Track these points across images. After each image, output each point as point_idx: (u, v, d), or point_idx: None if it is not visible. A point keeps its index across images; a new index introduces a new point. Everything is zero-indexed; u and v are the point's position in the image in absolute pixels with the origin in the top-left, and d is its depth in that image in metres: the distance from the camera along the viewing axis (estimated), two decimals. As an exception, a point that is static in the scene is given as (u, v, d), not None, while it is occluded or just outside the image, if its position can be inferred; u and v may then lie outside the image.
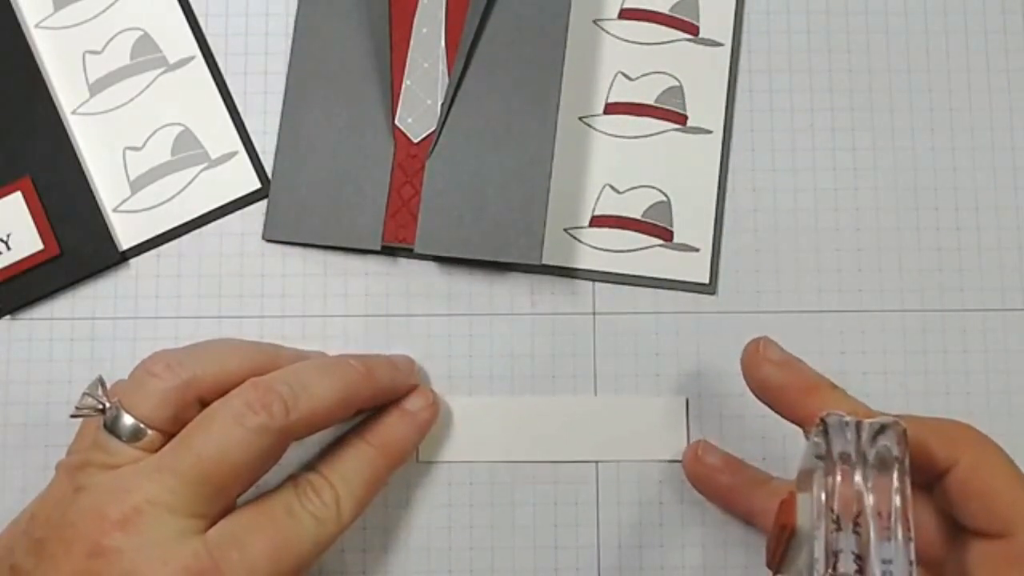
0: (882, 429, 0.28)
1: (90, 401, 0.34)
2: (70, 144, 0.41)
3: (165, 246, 0.41)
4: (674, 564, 0.39)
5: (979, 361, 0.41)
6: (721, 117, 0.42)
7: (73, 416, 0.34)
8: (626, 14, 0.42)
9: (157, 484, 0.32)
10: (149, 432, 0.33)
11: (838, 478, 0.27)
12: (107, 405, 0.34)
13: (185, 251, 0.41)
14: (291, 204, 0.40)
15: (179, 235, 0.41)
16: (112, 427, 0.33)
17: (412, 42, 0.41)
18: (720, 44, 0.42)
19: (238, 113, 0.41)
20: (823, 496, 0.27)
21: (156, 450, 0.33)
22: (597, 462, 0.40)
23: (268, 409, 0.32)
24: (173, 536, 0.31)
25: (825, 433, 0.28)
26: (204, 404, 0.34)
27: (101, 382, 0.34)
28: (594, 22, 0.42)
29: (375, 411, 0.38)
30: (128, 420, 0.33)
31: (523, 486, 0.40)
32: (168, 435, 0.33)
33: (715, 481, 0.38)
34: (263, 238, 0.41)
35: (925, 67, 0.42)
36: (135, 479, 0.32)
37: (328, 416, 0.34)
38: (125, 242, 0.41)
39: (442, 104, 0.40)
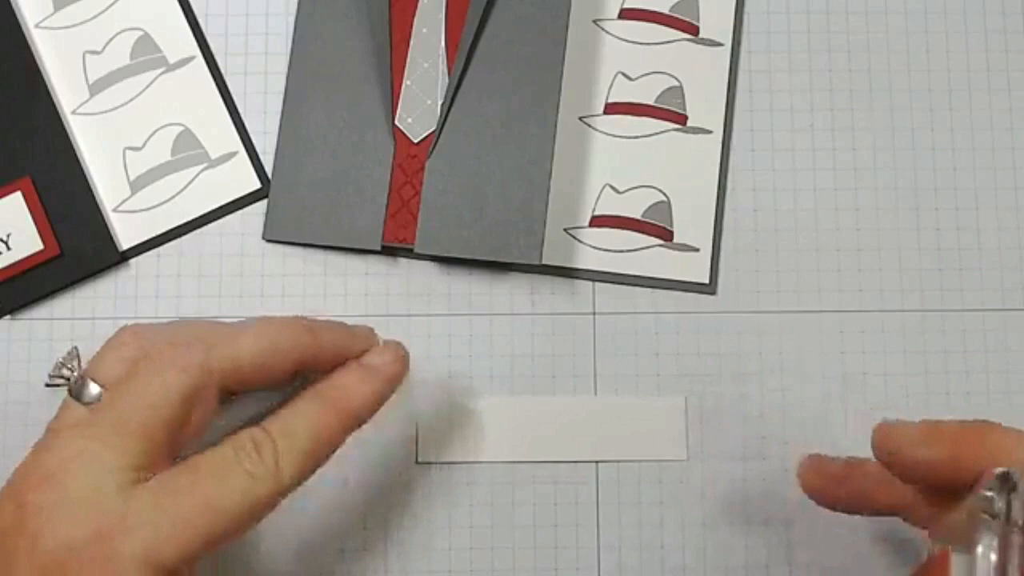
0: None
1: (64, 371, 0.33)
2: (70, 144, 0.41)
3: (165, 246, 0.41)
4: (674, 564, 0.39)
5: (979, 361, 0.41)
6: (721, 117, 0.42)
7: (47, 385, 0.34)
8: (626, 14, 0.42)
9: (84, 439, 0.31)
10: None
11: (1018, 542, 0.25)
12: (75, 374, 0.33)
13: (185, 251, 0.41)
14: (291, 204, 0.40)
15: (179, 235, 0.41)
16: (78, 395, 0.33)
17: (412, 42, 0.41)
18: (720, 44, 0.42)
19: (238, 113, 0.41)
20: (995, 559, 0.25)
21: None
22: (597, 462, 0.40)
23: (187, 353, 0.32)
24: (91, 493, 0.30)
25: (1007, 489, 0.26)
26: None
27: (76, 353, 0.34)
28: (594, 22, 0.42)
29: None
30: (94, 389, 0.32)
31: (523, 486, 0.40)
32: None
33: (838, 489, 0.36)
34: (263, 238, 0.41)
35: (925, 67, 0.42)
36: (67, 435, 0.31)
37: (257, 366, 0.33)
38: (125, 242, 0.41)
39: (442, 104, 0.40)
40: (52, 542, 0.30)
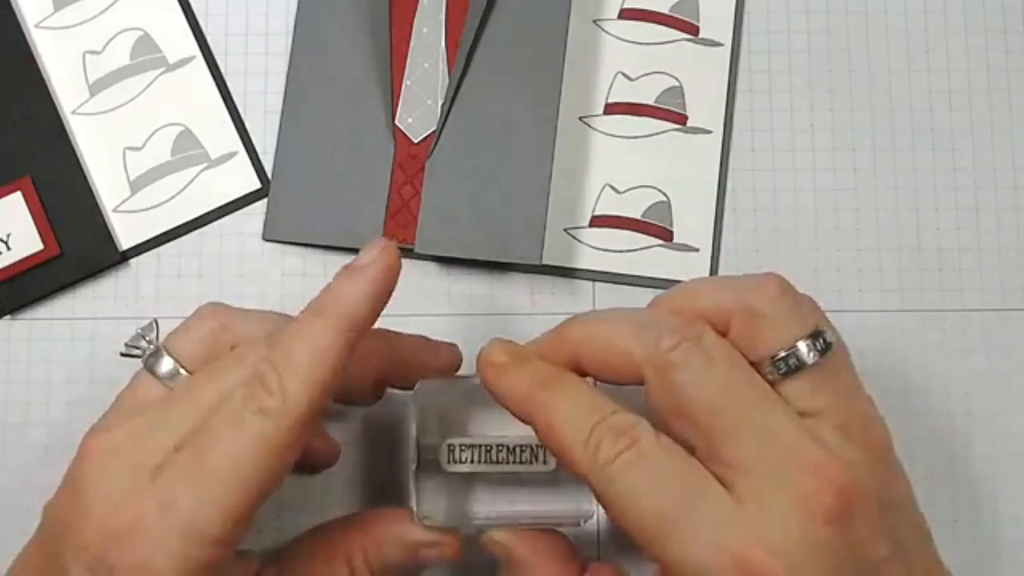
0: None
1: (142, 343, 0.33)
2: (70, 144, 0.41)
3: (165, 246, 0.41)
4: (674, 564, 0.39)
5: (979, 361, 0.41)
6: (721, 117, 0.42)
7: (122, 355, 0.34)
8: (626, 14, 0.42)
9: (136, 422, 0.31)
10: (181, 373, 0.32)
11: None
12: (150, 346, 0.33)
13: (185, 251, 0.41)
14: (291, 204, 0.40)
15: (179, 235, 0.41)
16: (151, 367, 0.33)
17: (412, 42, 0.41)
18: (720, 44, 0.42)
19: (238, 113, 0.41)
20: None
21: None
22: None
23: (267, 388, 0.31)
24: (132, 479, 0.30)
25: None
26: None
27: (155, 325, 0.34)
28: (594, 22, 0.42)
29: None
30: (168, 363, 0.33)
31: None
32: None
33: None
34: (263, 238, 0.41)
35: (925, 67, 0.42)
36: (132, 415, 0.32)
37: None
38: (125, 242, 0.41)
39: (442, 104, 0.40)
40: (94, 534, 0.29)
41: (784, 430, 0.29)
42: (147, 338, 0.34)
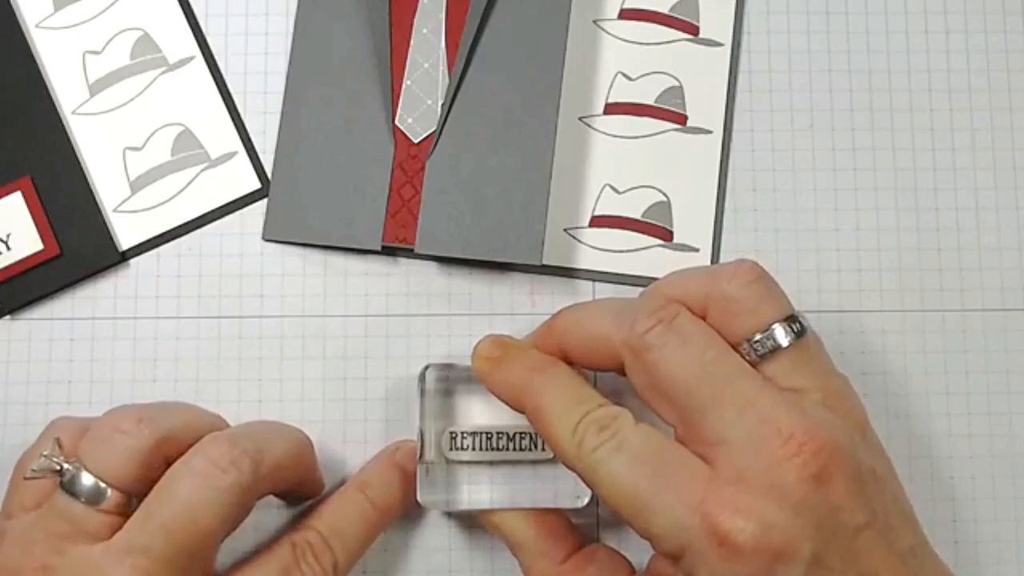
0: None
1: (46, 463, 0.31)
2: (70, 144, 0.41)
3: (165, 246, 0.41)
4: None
5: (979, 361, 0.41)
6: (721, 117, 0.42)
7: (27, 479, 0.32)
8: (626, 14, 0.42)
9: (128, 568, 0.30)
10: (110, 492, 0.31)
11: None
12: (65, 465, 0.31)
13: (185, 251, 0.41)
14: (291, 204, 0.40)
15: (179, 235, 0.41)
16: (70, 487, 0.31)
17: (412, 42, 0.41)
18: (720, 44, 0.42)
19: (238, 113, 0.41)
20: None
21: (120, 512, 0.31)
22: (597, 462, 0.40)
23: (237, 465, 0.31)
24: None
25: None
26: (170, 464, 0.32)
27: (58, 442, 0.32)
28: (594, 22, 0.42)
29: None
30: (87, 479, 0.31)
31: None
32: (131, 495, 0.31)
33: None
34: (263, 238, 0.41)
35: (925, 67, 0.42)
36: (106, 565, 0.30)
37: (287, 476, 0.34)
38: (125, 242, 0.41)
39: (442, 104, 0.40)
40: None
41: (759, 400, 0.29)
42: (52, 457, 0.32)
